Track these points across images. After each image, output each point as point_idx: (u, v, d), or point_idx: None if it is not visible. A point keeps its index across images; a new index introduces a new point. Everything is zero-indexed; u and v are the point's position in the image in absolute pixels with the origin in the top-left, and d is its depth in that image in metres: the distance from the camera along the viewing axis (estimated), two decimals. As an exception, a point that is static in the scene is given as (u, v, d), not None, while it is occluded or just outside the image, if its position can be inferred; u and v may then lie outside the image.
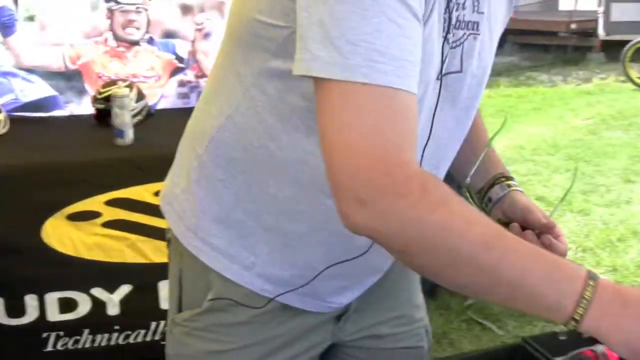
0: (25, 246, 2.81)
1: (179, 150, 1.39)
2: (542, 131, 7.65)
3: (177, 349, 1.38)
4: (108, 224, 2.86)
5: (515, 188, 1.47)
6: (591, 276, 0.95)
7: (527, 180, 5.94)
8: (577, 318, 0.94)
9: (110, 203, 2.85)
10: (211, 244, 1.28)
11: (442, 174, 1.31)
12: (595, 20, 12.55)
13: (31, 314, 2.87)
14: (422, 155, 1.14)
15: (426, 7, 1.03)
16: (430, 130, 1.14)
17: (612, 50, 12.18)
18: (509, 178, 1.48)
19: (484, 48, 1.22)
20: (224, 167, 1.24)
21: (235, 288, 1.29)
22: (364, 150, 0.95)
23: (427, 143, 1.14)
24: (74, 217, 2.85)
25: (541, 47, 13.67)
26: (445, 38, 1.10)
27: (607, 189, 5.75)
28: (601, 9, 11.38)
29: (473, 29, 1.17)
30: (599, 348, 1.48)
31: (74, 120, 3.47)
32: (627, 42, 10.71)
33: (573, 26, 13.00)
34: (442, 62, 1.11)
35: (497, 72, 11.47)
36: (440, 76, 1.13)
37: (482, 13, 1.18)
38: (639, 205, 5.39)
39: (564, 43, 13.36)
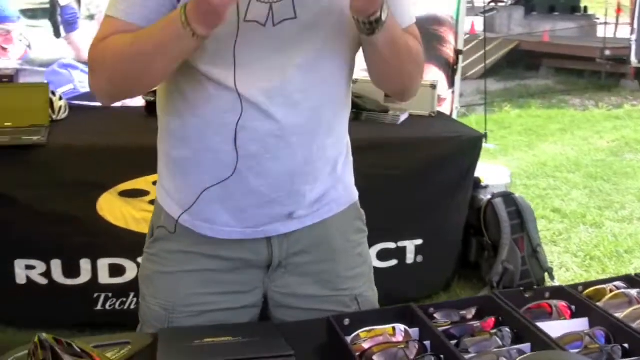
0: (82, 217, 3.18)
1: None
2: (566, 150, 7.82)
3: (141, 271, 1.75)
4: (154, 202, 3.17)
5: None
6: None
7: (546, 194, 6.18)
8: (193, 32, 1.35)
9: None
10: (162, 183, 1.67)
11: None
12: (629, 48, 12.56)
13: (85, 276, 3.26)
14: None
15: None
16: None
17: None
18: None
19: None
20: (159, 115, 1.64)
21: (169, 218, 1.63)
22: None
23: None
24: (125, 194, 3.21)
25: (576, 72, 13.69)
26: None
27: (622, 206, 5.96)
28: (634, 37, 11.40)
29: None
30: (553, 302, 1.78)
31: (126, 110, 3.80)
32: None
33: (607, 52, 12.99)
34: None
35: (531, 94, 11.63)
36: None
37: None
38: (651, 223, 5.60)
39: (598, 69, 13.34)
